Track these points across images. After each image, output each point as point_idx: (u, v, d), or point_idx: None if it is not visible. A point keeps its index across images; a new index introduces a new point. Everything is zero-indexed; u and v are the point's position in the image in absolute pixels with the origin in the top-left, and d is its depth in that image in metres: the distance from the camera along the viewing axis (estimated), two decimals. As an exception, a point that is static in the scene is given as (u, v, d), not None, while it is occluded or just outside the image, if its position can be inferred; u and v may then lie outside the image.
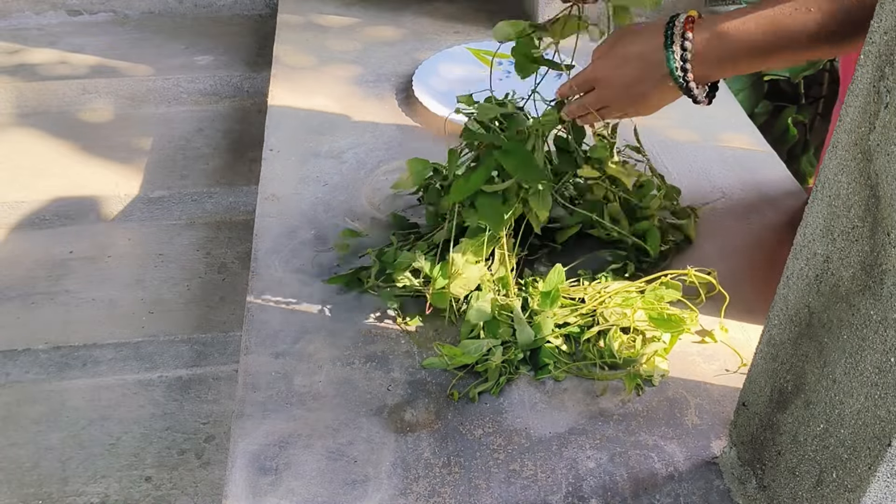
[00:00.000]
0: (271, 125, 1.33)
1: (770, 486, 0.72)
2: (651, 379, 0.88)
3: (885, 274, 0.53)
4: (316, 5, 1.75)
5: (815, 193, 0.62)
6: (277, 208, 1.15)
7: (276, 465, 0.80)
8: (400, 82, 1.45)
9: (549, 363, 0.89)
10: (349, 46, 1.59)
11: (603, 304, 0.92)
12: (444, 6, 1.74)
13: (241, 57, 2.09)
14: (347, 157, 1.26)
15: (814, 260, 0.62)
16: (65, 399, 1.53)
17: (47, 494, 1.39)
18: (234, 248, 1.75)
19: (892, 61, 0.51)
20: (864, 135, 0.54)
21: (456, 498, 0.77)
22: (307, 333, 0.95)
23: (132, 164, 1.84)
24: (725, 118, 1.34)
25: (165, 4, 2.25)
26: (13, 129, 1.94)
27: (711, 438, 0.82)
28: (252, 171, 1.79)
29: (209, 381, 1.56)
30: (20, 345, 1.53)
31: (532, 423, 0.84)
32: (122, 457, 1.44)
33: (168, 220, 1.80)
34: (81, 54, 2.08)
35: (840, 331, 0.60)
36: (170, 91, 2.02)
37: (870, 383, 0.56)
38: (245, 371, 0.91)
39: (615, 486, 0.78)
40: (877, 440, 0.56)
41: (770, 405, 0.71)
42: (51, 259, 1.71)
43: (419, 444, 0.82)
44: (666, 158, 1.22)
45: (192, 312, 1.60)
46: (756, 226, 1.10)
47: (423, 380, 0.89)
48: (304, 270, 1.03)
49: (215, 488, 1.40)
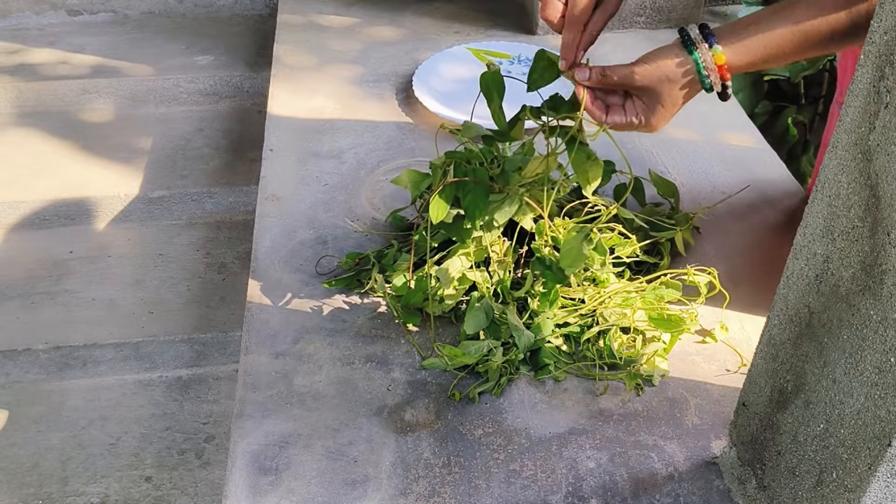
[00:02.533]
0: (271, 125, 1.33)
1: (770, 486, 0.72)
2: (651, 379, 0.88)
3: (885, 274, 0.53)
4: (316, 5, 1.75)
5: (815, 193, 0.62)
6: (277, 208, 1.15)
7: (276, 465, 0.80)
8: (400, 82, 1.45)
9: (550, 363, 0.89)
10: (349, 46, 1.59)
11: (603, 304, 0.92)
12: (444, 6, 1.74)
13: (241, 57, 2.09)
14: (347, 157, 1.26)
15: (814, 260, 0.62)
16: (65, 399, 1.53)
17: (47, 494, 1.39)
18: (234, 248, 1.75)
19: (892, 61, 0.51)
20: (864, 135, 0.54)
21: (456, 498, 0.77)
22: (307, 333, 0.95)
23: (132, 164, 1.84)
24: (725, 118, 1.34)
25: (165, 4, 2.25)
26: (13, 129, 1.94)
27: (711, 438, 0.82)
28: (252, 171, 1.79)
29: (209, 381, 1.56)
30: (20, 345, 1.53)
31: (532, 423, 0.84)
32: (122, 457, 1.44)
33: (168, 220, 1.80)
34: (81, 54, 2.08)
35: (840, 331, 0.60)
36: (170, 91, 2.02)
37: (870, 383, 0.56)
38: (245, 371, 0.91)
39: (615, 486, 0.78)
40: (877, 440, 0.56)
41: (770, 405, 0.71)
42: (51, 259, 1.71)
43: (419, 444, 0.82)
44: (666, 158, 1.22)
45: (192, 312, 1.60)
46: (756, 226, 1.10)
47: (423, 380, 0.89)
48: (304, 270, 1.03)
49: (215, 488, 1.40)
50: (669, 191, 1.07)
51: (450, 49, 1.50)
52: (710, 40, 0.82)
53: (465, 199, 0.89)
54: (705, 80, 0.83)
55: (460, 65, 1.45)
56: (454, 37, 1.61)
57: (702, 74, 0.83)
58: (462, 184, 0.89)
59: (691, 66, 0.83)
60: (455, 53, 1.48)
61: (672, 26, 1.61)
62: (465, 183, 0.89)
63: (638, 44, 1.56)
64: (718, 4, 1.83)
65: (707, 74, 0.82)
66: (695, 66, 0.83)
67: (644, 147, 1.23)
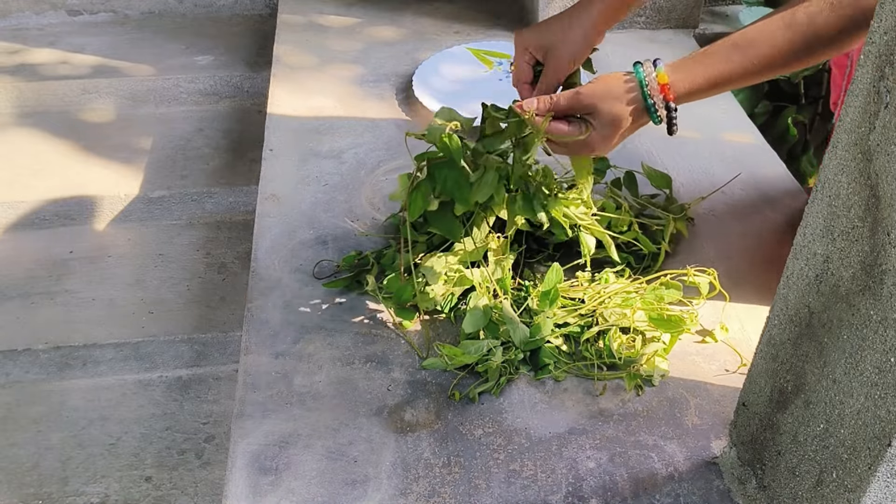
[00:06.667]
0: (271, 125, 1.33)
1: (770, 486, 0.72)
2: (651, 379, 0.88)
3: (885, 274, 0.53)
4: (316, 5, 1.75)
5: (815, 193, 0.62)
6: (277, 208, 1.15)
7: (276, 465, 0.80)
8: (400, 82, 1.45)
9: (549, 363, 0.89)
10: (349, 46, 1.59)
11: (603, 304, 0.92)
12: (444, 6, 1.74)
13: (241, 57, 2.09)
14: (347, 157, 1.25)
15: (814, 260, 0.62)
16: (65, 399, 1.52)
17: (47, 494, 1.39)
18: (234, 248, 1.75)
19: (892, 61, 0.51)
20: (864, 135, 0.54)
21: (456, 498, 0.77)
22: (307, 333, 0.95)
23: (132, 164, 1.84)
24: (725, 118, 1.34)
25: (165, 4, 2.25)
26: (13, 129, 1.94)
27: (711, 438, 0.82)
28: (252, 171, 1.79)
29: (209, 381, 1.56)
30: (20, 345, 1.53)
31: (532, 423, 0.84)
32: (122, 457, 1.44)
33: (168, 220, 1.80)
34: (82, 54, 2.08)
35: (840, 331, 0.60)
36: (170, 91, 2.02)
37: (870, 383, 0.56)
38: (245, 371, 0.91)
39: (615, 486, 0.78)
40: (877, 440, 0.56)
41: (770, 405, 0.71)
42: (51, 259, 1.70)
43: (419, 444, 0.82)
44: (666, 158, 1.22)
45: (192, 312, 1.60)
46: (756, 226, 1.10)
47: (423, 380, 0.89)
48: (304, 270, 1.03)
49: (215, 488, 1.40)
50: (663, 182, 1.07)
51: (450, 49, 1.50)
52: (657, 63, 0.84)
53: (445, 186, 0.89)
54: (647, 98, 0.84)
55: (460, 65, 1.45)
56: (454, 37, 1.61)
57: (644, 92, 0.84)
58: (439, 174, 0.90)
59: (635, 83, 0.84)
60: (455, 53, 1.48)
61: (672, 26, 1.61)
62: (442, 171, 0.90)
63: (638, 43, 1.56)
64: (718, 4, 1.83)
65: (650, 94, 0.84)
66: (638, 84, 0.84)
67: (644, 147, 1.23)
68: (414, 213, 0.91)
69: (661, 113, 0.85)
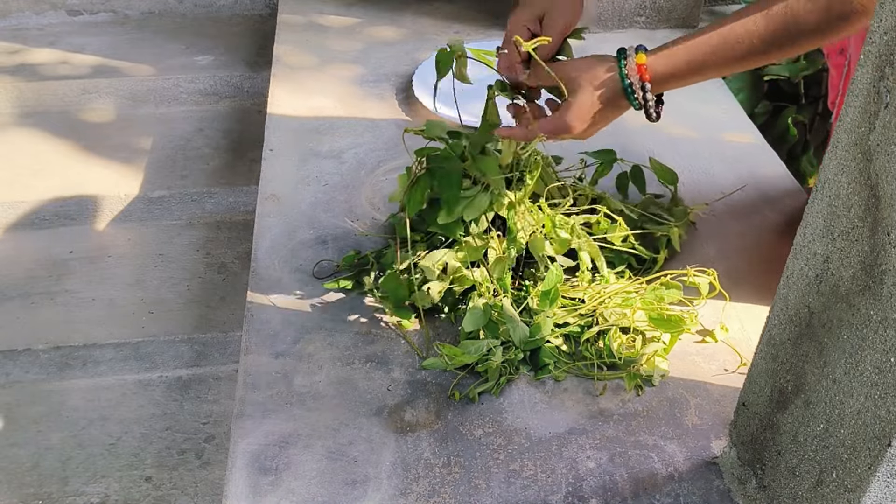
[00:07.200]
0: (271, 125, 1.33)
1: (770, 486, 0.72)
2: (651, 379, 0.88)
3: (885, 274, 0.53)
4: (316, 5, 1.75)
5: (815, 193, 0.62)
6: (277, 208, 1.15)
7: (276, 465, 0.80)
8: (400, 82, 1.45)
9: (549, 363, 0.89)
10: (349, 46, 1.59)
11: (603, 304, 0.92)
12: (444, 6, 1.74)
13: (241, 57, 2.09)
14: (347, 157, 1.26)
15: (814, 260, 0.62)
16: (65, 399, 1.53)
17: (47, 494, 1.39)
18: (234, 248, 1.75)
19: (892, 61, 0.51)
20: (864, 135, 0.54)
21: (456, 498, 0.77)
22: (307, 333, 0.95)
23: (132, 164, 1.84)
24: (725, 118, 1.34)
25: (165, 4, 2.25)
26: (13, 129, 1.94)
27: (711, 438, 0.82)
28: (252, 171, 1.79)
29: (209, 381, 1.56)
30: (20, 345, 1.53)
31: (532, 423, 0.84)
32: (122, 457, 1.44)
33: (168, 220, 1.80)
34: (82, 54, 2.08)
35: (840, 331, 0.60)
36: (170, 91, 2.02)
37: (870, 383, 0.56)
38: (245, 371, 0.90)
39: (615, 486, 0.78)
40: (877, 440, 0.56)
41: (770, 405, 0.71)
42: (51, 259, 1.71)
43: (419, 444, 0.82)
44: (666, 158, 1.21)
45: (192, 312, 1.60)
46: (756, 226, 1.10)
47: (423, 380, 0.89)
48: (304, 270, 1.03)
49: (215, 488, 1.40)
50: (670, 178, 1.07)
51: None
52: (639, 48, 0.86)
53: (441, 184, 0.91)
54: (624, 78, 0.86)
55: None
56: (454, 37, 1.61)
57: (622, 72, 0.86)
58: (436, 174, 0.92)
59: (614, 63, 0.87)
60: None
61: (672, 26, 1.61)
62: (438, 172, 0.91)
63: (637, 43, 1.56)
64: (718, 4, 1.83)
65: (627, 74, 0.85)
66: (617, 64, 0.86)
67: (644, 146, 1.23)
68: (412, 208, 0.92)
69: (637, 94, 0.86)
